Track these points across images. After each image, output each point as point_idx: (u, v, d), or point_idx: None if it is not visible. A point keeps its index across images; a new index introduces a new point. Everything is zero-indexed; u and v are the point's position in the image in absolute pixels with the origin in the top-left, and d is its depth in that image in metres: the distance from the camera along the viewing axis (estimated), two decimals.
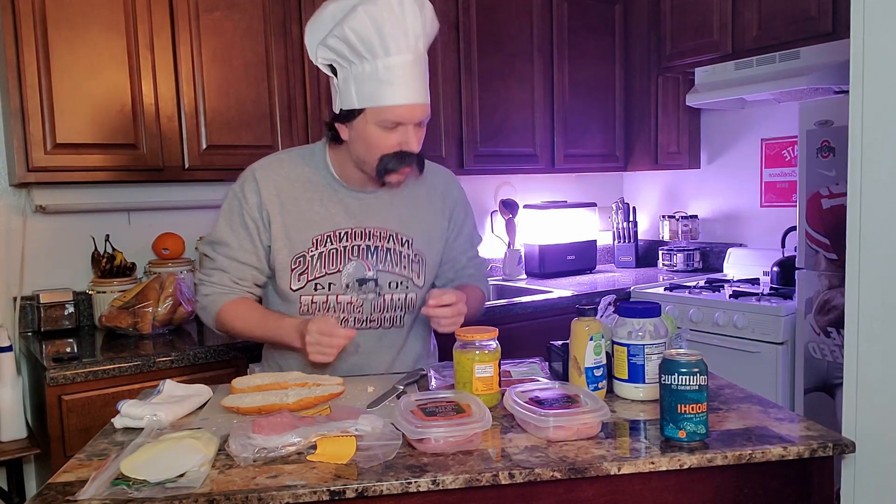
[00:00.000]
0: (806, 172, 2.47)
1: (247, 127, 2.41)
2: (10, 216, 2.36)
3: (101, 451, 1.16)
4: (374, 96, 1.41)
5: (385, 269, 1.56)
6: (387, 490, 1.01)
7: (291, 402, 1.29)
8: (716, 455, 1.09)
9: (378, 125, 1.43)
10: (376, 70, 1.39)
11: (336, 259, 1.53)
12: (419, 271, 1.60)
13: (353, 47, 1.39)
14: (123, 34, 2.19)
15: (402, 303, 1.58)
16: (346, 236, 1.54)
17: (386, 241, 1.56)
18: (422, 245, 1.60)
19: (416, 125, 1.46)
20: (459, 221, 1.70)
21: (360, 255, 1.54)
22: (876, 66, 1.14)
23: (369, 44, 1.38)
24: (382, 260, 1.55)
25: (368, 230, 1.55)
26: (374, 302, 1.56)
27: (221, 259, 1.54)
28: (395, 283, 1.57)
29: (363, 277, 1.54)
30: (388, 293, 1.56)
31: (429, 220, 1.63)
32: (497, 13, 2.98)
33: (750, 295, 2.72)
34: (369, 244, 1.55)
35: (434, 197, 1.65)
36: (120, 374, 1.92)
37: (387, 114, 1.41)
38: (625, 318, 1.34)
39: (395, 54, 1.39)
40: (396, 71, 1.39)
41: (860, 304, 1.18)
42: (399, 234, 1.58)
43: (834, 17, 2.56)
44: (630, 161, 3.47)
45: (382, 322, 1.58)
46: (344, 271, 1.53)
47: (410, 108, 1.42)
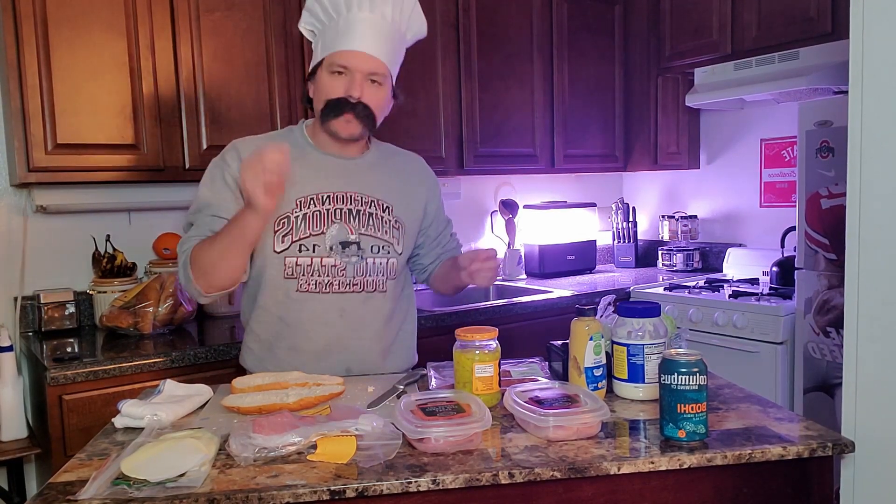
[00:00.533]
0: (805, 172, 2.47)
1: (247, 127, 2.41)
2: (10, 216, 2.36)
3: (102, 451, 1.16)
4: (330, 45, 1.52)
5: (367, 232, 1.58)
6: (387, 490, 1.02)
7: (292, 402, 1.29)
8: (715, 455, 1.09)
9: (328, 71, 1.52)
10: (338, 25, 1.51)
11: (320, 221, 1.55)
12: (399, 238, 1.63)
13: (324, 7, 1.52)
14: (124, 34, 2.19)
15: (384, 267, 1.60)
16: (329, 199, 1.56)
17: (368, 205, 1.59)
18: (401, 212, 1.64)
19: (367, 79, 1.51)
20: (438, 196, 1.77)
21: (342, 219, 1.56)
22: (875, 66, 1.14)
23: (336, 2, 1.51)
24: (365, 224, 1.58)
25: (350, 194, 1.58)
26: (356, 265, 1.57)
27: (203, 218, 1.53)
28: (377, 247, 1.59)
29: (346, 240, 1.56)
30: (370, 257, 1.58)
31: (408, 189, 1.68)
32: (497, 13, 2.98)
33: (749, 295, 2.72)
34: (351, 208, 1.57)
35: (412, 172, 1.72)
36: (120, 374, 1.93)
37: (335, 58, 1.50)
38: (624, 318, 1.35)
39: (357, 11, 1.50)
40: (353, 24, 1.50)
41: (859, 304, 1.18)
42: (380, 200, 1.61)
43: (833, 18, 2.56)
44: (630, 161, 3.47)
45: (365, 286, 1.58)
46: (327, 233, 1.55)
47: (357, 55, 1.49)
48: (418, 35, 1.64)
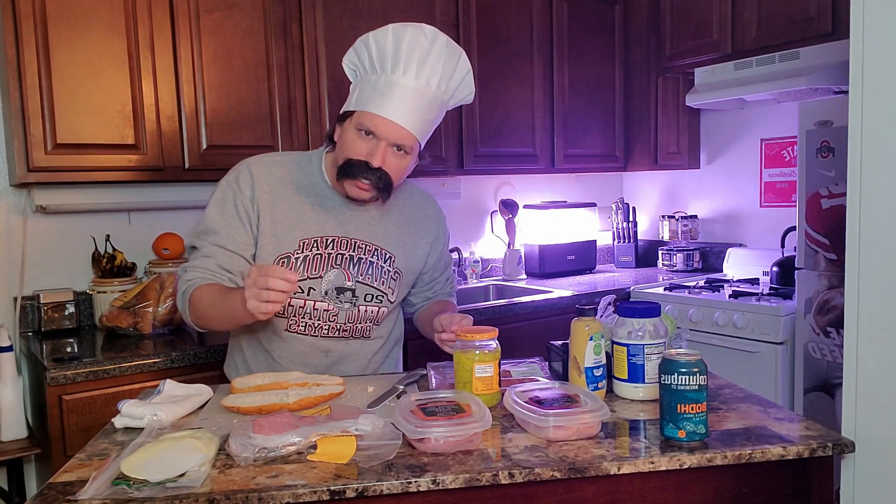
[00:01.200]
0: (805, 172, 2.47)
1: (247, 127, 2.41)
2: (10, 216, 2.36)
3: (102, 451, 1.16)
4: (364, 102, 1.46)
5: (364, 281, 1.57)
6: (387, 490, 1.02)
7: (292, 402, 1.29)
8: (715, 455, 1.09)
9: (356, 129, 1.46)
10: (378, 82, 1.45)
11: (319, 265, 1.53)
12: (395, 287, 1.62)
13: (371, 57, 1.46)
14: (124, 34, 2.19)
15: (374, 315, 1.60)
16: (333, 244, 1.54)
17: (370, 254, 1.58)
18: (402, 263, 1.63)
19: (392, 147, 1.46)
20: (441, 245, 1.74)
21: (342, 265, 1.55)
22: (875, 66, 1.14)
23: (383, 57, 1.45)
24: (364, 272, 1.57)
25: (354, 241, 1.56)
26: (348, 312, 1.56)
27: (208, 246, 1.51)
28: (371, 296, 1.58)
29: (342, 286, 1.55)
30: (362, 305, 1.57)
31: (413, 240, 1.66)
32: (497, 13, 2.98)
33: (749, 295, 2.72)
34: (353, 255, 1.56)
35: (421, 220, 1.69)
36: (120, 374, 1.93)
37: (365, 119, 1.45)
38: (625, 318, 1.35)
39: (401, 75, 1.43)
40: (394, 88, 1.43)
41: (860, 304, 1.18)
42: (383, 249, 1.60)
43: (833, 18, 2.56)
44: (630, 161, 3.47)
45: (353, 332, 1.59)
46: (325, 278, 1.53)
47: (387, 123, 1.43)
48: (463, 102, 1.58)
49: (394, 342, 1.73)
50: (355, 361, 1.62)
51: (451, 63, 1.47)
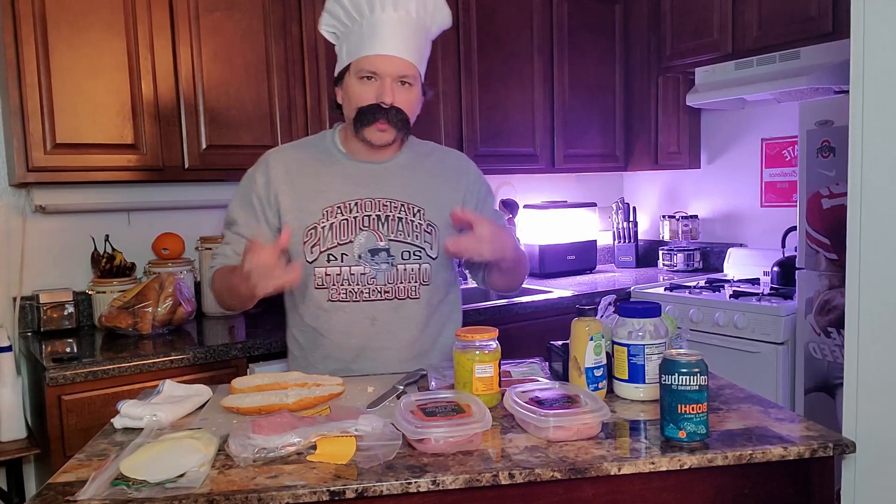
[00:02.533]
0: (806, 172, 2.47)
1: (247, 127, 2.41)
2: (9, 216, 2.36)
3: (101, 452, 1.16)
4: (356, 50, 1.49)
5: (397, 238, 1.56)
6: (387, 490, 1.01)
7: (291, 402, 1.29)
8: (716, 455, 1.09)
9: (357, 77, 1.49)
10: (362, 27, 1.48)
11: (347, 229, 1.54)
12: (432, 242, 1.59)
13: (346, 9, 1.49)
14: (123, 34, 2.18)
15: (416, 273, 1.57)
16: (357, 206, 1.55)
17: (397, 210, 1.56)
18: (433, 215, 1.59)
19: (397, 81, 1.48)
20: (482, 195, 1.69)
21: (370, 226, 1.55)
22: (876, 66, 1.14)
23: (358, 3, 1.48)
24: (394, 230, 1.55)
25: (378, 200, 1.56)
26: (387, 272, 1.55)
27: (229, 234, 1.61)
28: (407, 252, 1.56)
29: (375, 247, 1.54)
30: (401, 263, 1.56)
31: (440, 190, 1.62)
32: (497, 13, 2.97)
33: (750, 295, 2.72)
34: (380, 214, 1.55)
35: (446, 170, 1.66)
36: (120, 374, 1.92)
37: (363, 63, 1.47)
38: (625, 318, 1.34)
39: (381, 12, 1.46)
40: (378, 26, 1.46)
41: (860, 305, 1.18)
42: (409, 203, 1.58)
43: (834, 17, 2.56)
44: (630, 161, 3.46)
45: (397, 293, 1.56)
46: (356, 241, 1.54)
47: (386, 59, 1.46)
48: (443, 26, 1.59)
49: (446, 315, 1.66)
50: (404, 331, 1.57)
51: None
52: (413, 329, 1.59)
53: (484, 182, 1.73)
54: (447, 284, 1.66)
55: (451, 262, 1.66)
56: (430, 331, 1.62)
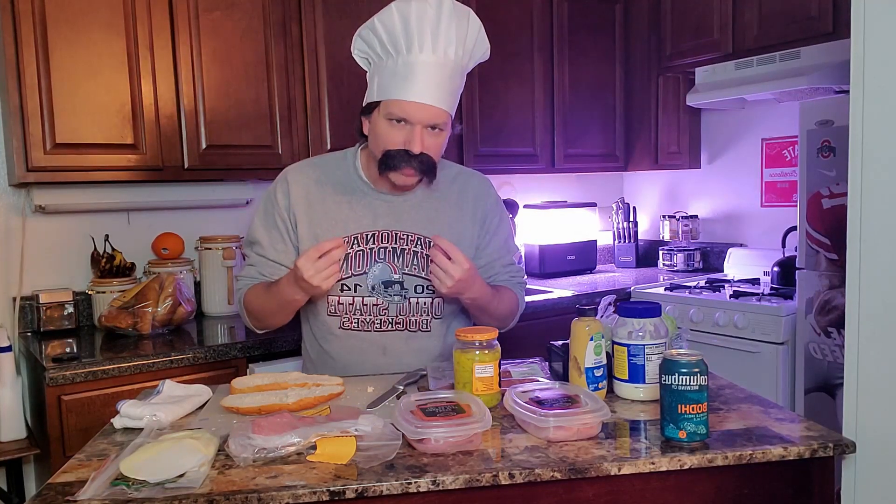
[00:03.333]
0: (806, 172, 2.47)
1: (246, 127, 2.41)
2: (9, 216, 2.36)
3: (101, 452, 1.16)
4: (388, 89, 1.43)
5: (411, 272, 1.55)
6: (387, 490, 1.01)
7: (291, 403, 1.29)
8: (716, 455, 1.09)
9: (386, 119, 1.45)
10: (396, 65, 1.42)
11: (362, 261, 1.53)
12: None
13: (381, 41, 1.43)
14: (123, 34, 2.18)
15: (429, 307, 1.57)
16: (374, 238, 1.54)
17: (413, 244, 1.56)
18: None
19: (426, 128, 1.44)
20: (494, 226, 1.66)
21: (386, 258, 1.54)
22: (876, 65, 1.14)
23: (395, 39, 1.41)
24: (409, 263, 1.55)
25: (395, 233, 1.55)
26: (399, 305, 1.55)
27: (254, 256, 1.60)
28: (420, 286, 1.56)
29: (389, 280, 1.54)
30: (413, 297, 1.55)
31: (458, 225, 1.60)
32: (497, 13, 2.97)
33: (750, 295, 2.71)
34: (395, 247, 1.55)
35: (465, 202, 1.63)
36: (119, 375, 1.92)
37: (394, 107, 1.43)
38: (625, 318, 1.34)
39: (418, 53, 1.40)
40: (415, 68, 1.40)
41: (861, 305, 1.18)
42: (426, 238, 1.56)
43: (834, 17, 2.56)
44: (630, 161, 3.46)
45: (408, 325, 1.56)
46: (370, 273, 1.53)
47: (418, 107, 1.41)
48: (482, 59, 1.55)
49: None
50: (415, 362, 1.56)
51: (463, 26, 1.43)
52: (423, 360, 1.58)
53: (499, 209, 1.70)
54: (460, 314, 1.65)
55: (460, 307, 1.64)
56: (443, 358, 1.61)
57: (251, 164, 2.43)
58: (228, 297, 2.57)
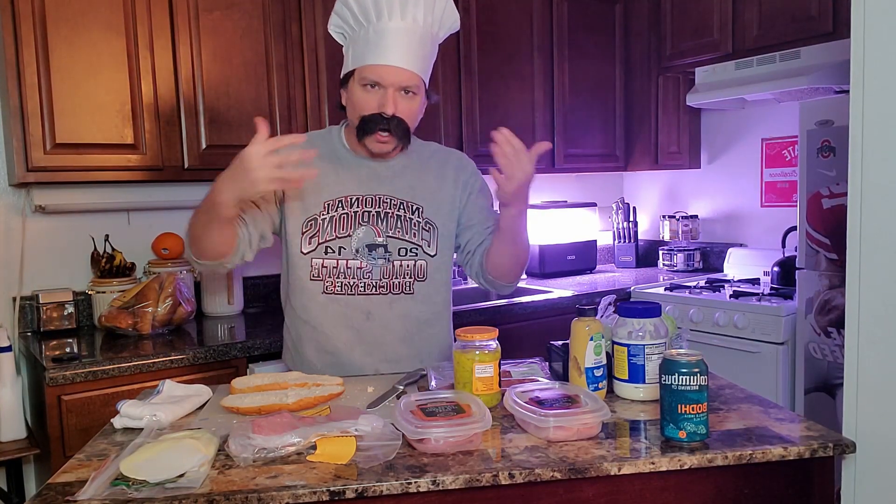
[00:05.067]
0: (806, 172, 2.47)
1: (247, 127, 2.41)
2: (9, 216, 2.36)
3: (101, 452, 1.16)
4: (361, 57, 1.49)
5: (395, 235, 1.58)
6: (387, 490, 1.01)
7: (291, 403, 1.29)
8: (716, 455, 1.09)
9: (360, 85, 1.50)
10: (368, 34, 1.48)
11: (347, 224, 1.56)
12: (430, 239, 1.61)
13: (353, 13, 1.49)
14: (123, 34, 2.18)
15: (412, 269, 1.59)
16: (357, 202, 1.57)
17: (396, 208, 1.59)
18: (431, 213, 1.62)
19: (399, 91, 1.49)
20: (476, 189, 1.69)
21: (370, 221, 1.57)
22: (876, 65, 1.14)
23: (365, 9, 1.47)
24: (392, 227, 1.58)
25: (379, 197, 1.58)
26: (383, 268, 1.57)
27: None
28: (404, 249, 1.58)
29: (373, 243, 1.57)
30: (397, 259, 1.58)
31: (440, 189, 1.64)
32: (497, 13, 2.97)
33: (750, 295, 2.71)
34: (379, 210, 1.58)
35: (446, 172, 1.67)
36: (119, 375, 1.92)
37: (367, 72, 1.48)
38: (625, 318, 1.34)
39: (388, 20, 1.46)
40: (385, 34, 1.46)
41: (861, 305, 1.18)
42: (408, 201, 1.60)
43: (834, 17, 2.56)
44: (630, 161, 3.46)
45: (391, 287, 1.58)
46: (354, 236, 1.56)
47: (390, 69, 1.46)
48: (452, 30, 1.60)
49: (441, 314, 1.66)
50: (399, 326, 1.58)
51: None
52: (408, 324, 1.60)
53: (480, 178, 1.73)
54: (444, 284, 1.67)
55: (449, 262, 1.67)
56: (426, 328, 1.63)
57: None
58: (228, 297, 2.58)
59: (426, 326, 1.63)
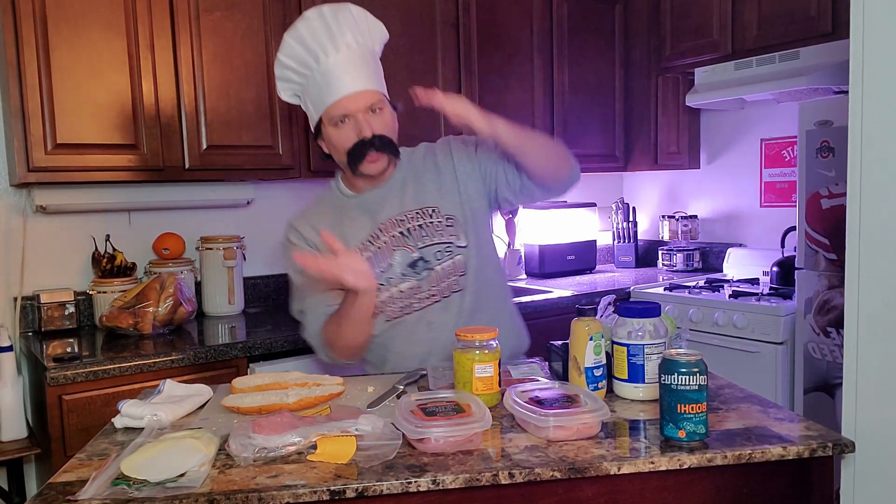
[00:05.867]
0: (805, 172, 2.47)
1: (247, 127, 2.41)
2: (10, 216, 2.36)
3: (102, 451, 1.16)
4: (320, 101, 1.55)
5: (425, 243, 1.61)
6: (387, 490, 1.02)
7: (291, 402, 1.29)
8: (715, 455, 1.09)
9: (332, 126, 1.55)
10: (315, 80, 1.54)
11: (382, 257, 1.61)
12: (457, 232, 1.63)
13: (294, 69, 1.56)
14: (124, 34, 2.19)
15: (453, 267, 1.62)
16: (380, 233, 1.61)
17: (414, 220, 1.62)
18: (447, 208, 1.64)
19: (367, 112, 1.53)
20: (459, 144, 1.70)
21: (399, 244, 1.61)
22: (875, 66, 1.14)
23: (303, 60, 1.54)
24: (419, 237, 1.61)
25: (395, 219, 1.62)
26: (428, 278, 1.61)
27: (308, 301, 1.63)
28: (439, 252, 1.61)
29: (411, 260, 1.60)
30: (437, 265, 1.61)
31: (441, 183, 1.66)
32: (497, 13, 2.98)
33: (749, 295, 2.72)
34: (401, 230, 1.61)
35: (437, 162, 1.69)
36: (120, 374, 1.92)
37: (332, 111, 1.53)
38: (625, 318, 1.34)
39: (326, 58, 1.52)
40: (329, 72, 1.52)
41: (860, 304, 1.18)
42: (421, 208, 1.63)
43: (833, 17, 2.56)
44: (630, 161, 3.47)
45: (441, 292, 1.62)
46: (394, 262, 1.60)
47: (350, 98, 1.52)
48: (384, 41, 1.65)
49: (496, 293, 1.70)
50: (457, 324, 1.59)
51: (349, 18, 1.54)
52: (463, 318, 1.62)
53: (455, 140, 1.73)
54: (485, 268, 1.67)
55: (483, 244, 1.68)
56: (482, 314, 1.64)
57: (252, 164, 2.43)
58: (229, 296, 2.58)
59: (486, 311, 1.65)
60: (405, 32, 2.67)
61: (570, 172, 1.67)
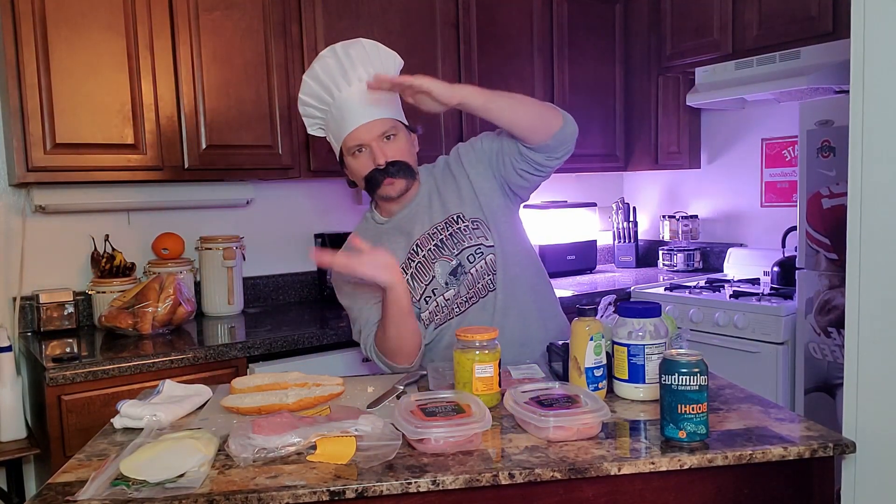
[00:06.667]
0: (806, 172, 2.47)
1: (247, 127, 2.41)
2: (9, 216, 2.36)
3: (101, 452, 1.16)
4: (338, 134, 1.63)
5: (459, 250, 1.66)
6: (387, 490, 1.01)
7: (291, 403, 1.29)
8: (716, 455, 1.09)
9: (350, 155, 1.63)
10: (333, 113, 1.63)
11: (424, 272, 1.66)
12: (485, 233, 1.67)
13: (315, 106, 1.65)
14: (123, 34, 2.18)
15: (484, 269, 1.66)
16: (419, 248, 1.68)
17: (444, 230, 1.67)
18: (471, 212, 1.68)
19: (381, 141, 1.60)
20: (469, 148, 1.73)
21: (437, 256, 1.66)
22: (876, 65, 1.14)
23: (320, 97, 1.63)
24: (453, 245, 1.66)
25: (427, 234, 1.68)
26: (466, 281, 1.66)
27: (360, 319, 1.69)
28: (472, 255, 1.66)
29: (451, 269, 1.65)
30: (471, 268, 1.66)
31: (460, 191, 1.71)
32: (497, 13, 2.97)
33: (750, 295, 2.72)
34: (436, 242, 1.67)
35: (454, 172, 1.74)
36: (120, 375, 1.92)
37: (348, 142, 1.61)
38: (625, 318, 1.34)
39: (339, 92, 1.60)
40: (344, 105, 1.60)
41: (860, 304, 1.18)
42: (448, 218, 1.68)
43: (834, 17, 2.56)
44: (630, 161, 3.46)
45: (477, 294, 1.66)
46: (436, 275, 1.66)
47: (362, 129, 1.59)
48: (398, 66, 1.68)
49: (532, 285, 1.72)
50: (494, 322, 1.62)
51: (361, 52, 1.61)
52: (497, 316, 1.65)
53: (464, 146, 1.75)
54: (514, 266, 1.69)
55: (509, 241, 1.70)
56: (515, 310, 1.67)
57: (251, 164, 2.43)
58: (228, 297, 2.58)
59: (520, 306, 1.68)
60: (405, 32, 2.67)
61: (562, 121, 1.67)
